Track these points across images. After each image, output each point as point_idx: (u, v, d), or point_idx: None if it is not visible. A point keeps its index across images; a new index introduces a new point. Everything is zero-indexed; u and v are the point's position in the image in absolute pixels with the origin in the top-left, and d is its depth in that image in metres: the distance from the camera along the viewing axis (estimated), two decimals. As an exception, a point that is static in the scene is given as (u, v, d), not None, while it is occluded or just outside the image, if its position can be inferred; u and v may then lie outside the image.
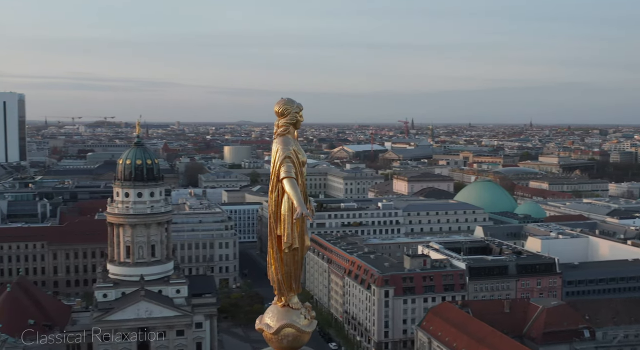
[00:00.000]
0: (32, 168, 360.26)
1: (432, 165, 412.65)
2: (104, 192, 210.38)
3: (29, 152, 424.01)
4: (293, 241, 10.46)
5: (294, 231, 10.45)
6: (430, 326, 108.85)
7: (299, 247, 10.63)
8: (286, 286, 10.93)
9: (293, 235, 10.42)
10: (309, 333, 10.85)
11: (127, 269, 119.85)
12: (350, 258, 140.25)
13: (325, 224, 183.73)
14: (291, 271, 10.86)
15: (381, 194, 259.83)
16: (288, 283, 10.92)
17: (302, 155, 10.70)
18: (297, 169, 10.53)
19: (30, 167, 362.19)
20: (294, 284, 10.98)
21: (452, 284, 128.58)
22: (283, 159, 10.43)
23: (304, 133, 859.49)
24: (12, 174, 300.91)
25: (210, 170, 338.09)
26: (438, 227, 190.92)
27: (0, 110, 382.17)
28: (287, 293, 11.00)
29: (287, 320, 10.78)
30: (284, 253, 10.72)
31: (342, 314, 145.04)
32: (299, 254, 10.78)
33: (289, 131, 10.90)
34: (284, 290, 10.97)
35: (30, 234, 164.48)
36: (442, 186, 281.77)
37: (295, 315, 10.84)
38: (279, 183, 10.60)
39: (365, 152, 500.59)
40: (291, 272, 10.87)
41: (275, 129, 11.00)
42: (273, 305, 11.32)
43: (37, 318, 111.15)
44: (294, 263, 10.82)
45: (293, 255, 10.73)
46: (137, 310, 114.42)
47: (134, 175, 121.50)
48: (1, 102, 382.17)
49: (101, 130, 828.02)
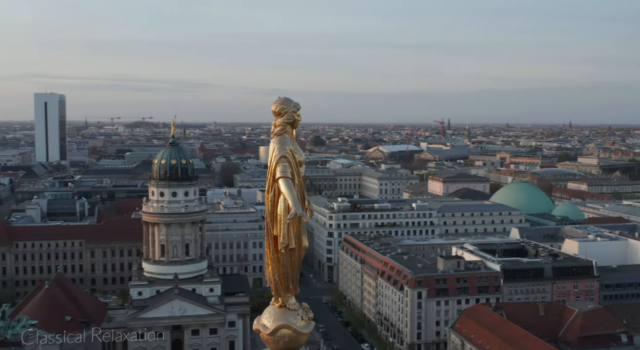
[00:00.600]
0: (72, 167, 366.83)
1: (468, 166, 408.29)
2: (140, 191, 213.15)
3: (69, 151, 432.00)
4: (289, 242, 10.37)
5: (290, 232, 10.35)
6: (463, 328, 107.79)
7: (295, 248, 10.54)
8: (283, 287, 10.85)
9: (289, 235, 10.32)
10: (306, 334, 10.74)
11: (161, 268, 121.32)
12: (383, 259, 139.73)
13: (358, 225, 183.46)
14: (288, 272, 10.77)
15: (416, 195, 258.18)
16: (285, 284, 10.83)
17: (299, 155, 10.60)
18: (294, 169, 10.45)
19: (70, 167, 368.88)
20: (291, 285, 10.89)
21: (486, 286, 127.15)
22: (279, 158, 10.37)
23: (339, 133, 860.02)
24: (52, 173, 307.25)
25: (245, 170, 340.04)
26: (473, 228, 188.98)
27: (42, 111, 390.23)
28: (284, 294, 10.91)
29: (283, 321, 10.69)
30: (281, 254, 10.62)
31: (374, 314, 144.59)
32: (296, 255, 10.69)
33: (286, 131, 10.83)
34: (280, 291, 10.90)
35: (69, 232, 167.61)
36: (478, 187, 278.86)
37: (292, 316, 10.74)
38: (275, 183, 10.50)
39: (401, 152, 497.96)
40: (288, 273, 10.78)
41: (272, 128, 10.94)
42: (270, 306, 11.26)
43: (74, 315, 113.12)
44: (291, 264, 10.73)
45: (290, 256, 10.63)
46: (171, 308, 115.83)
47: (169, 175, 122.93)
48: (42, 103, 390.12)
49: (139, 131, 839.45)
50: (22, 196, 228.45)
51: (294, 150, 10.62)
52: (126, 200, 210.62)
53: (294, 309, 10.86)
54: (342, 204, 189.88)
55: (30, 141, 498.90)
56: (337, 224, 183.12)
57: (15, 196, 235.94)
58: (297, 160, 10.60)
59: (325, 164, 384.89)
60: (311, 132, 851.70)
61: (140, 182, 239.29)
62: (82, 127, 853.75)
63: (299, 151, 10.75)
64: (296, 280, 11.02)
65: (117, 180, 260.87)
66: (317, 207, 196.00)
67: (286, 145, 10.57)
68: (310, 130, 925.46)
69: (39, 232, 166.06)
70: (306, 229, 10.76)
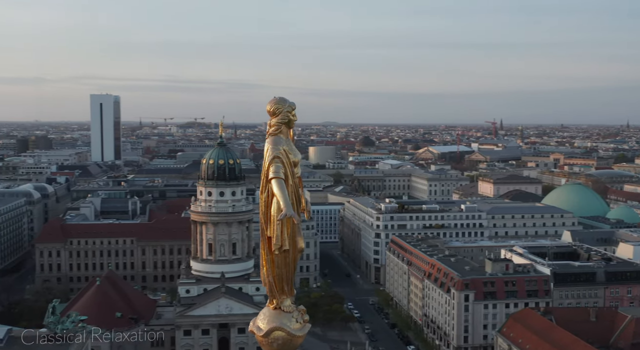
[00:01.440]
0: (126, 167, 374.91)
1: (521, 167, 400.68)
2: (190, 190, 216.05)
3: (124, 151, 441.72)
4: (283, 243, 10.23)
5: (284, 233, 10.21)
6: (511, 333, 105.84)
7: (290, 250, 10.43)
8: (278, 288, 10.75)
9: (283, 236, 10.19)
10: (300, 337, 10.59)
11: (209, 266, 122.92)
12: (430, 260, 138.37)
13: (406, 226, 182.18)
14: (283, 273, 10.63)
15: (466, 196, 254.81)
16: (280, 285, 10.72)
17: (294, 156, 10.44)
18: (288, 170, 10.31)
19: (124, 166, 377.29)
20: (286, 287, 10.76)
21: (536, 289, 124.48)
22: (272, 159, 10.24)
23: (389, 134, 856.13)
24: (107, 173, 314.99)
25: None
26: (523, 231, 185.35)
27: (97, 112, 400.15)
28: (278, 295, 10.80)
29: (277, 323, 10.57)
30: (275, 255, 10.51)
31: (421, 317, 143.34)
32: (291, 256, 10.54)
33: (280, 131, 10.66)
34: (275, 292, 10.79)
35: (121, 230, 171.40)
36: (530, 189, 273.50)
37: (287, 319, 10.62)
38: (269, 184, 10.40)
39: (451, 153, 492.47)
40: (282, 275, 10.64)
41: (267, 128, 10.83)
42: (265, 307, 11.18)
43: (124, 311, 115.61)
44: (286, 265, 10.58)
45: (284, 258, 10.49)
46: (217, 307, 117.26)
47: (217, 175, 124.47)
48: (98, 104, 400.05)
49: (192, 131, 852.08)
50: (77, 195, 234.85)
51: (288, 151, 10.45)
52: (177, 200, 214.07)
53: (289, 311, 10.73)
54: (389, 204, 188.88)
55: (86, 141, 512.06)
56: (384, 225, 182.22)
57: (71, 195, 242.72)
58: (292, 160, 10.44)
59: (375, 164, 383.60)
60: (361, 133, 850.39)
61: (191, 182, 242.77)
62: (136, 128, 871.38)
63: (294, 151, 10.59)
64: (291, 282, 10.88)
65: (168, 179, 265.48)
66: (364, 207, 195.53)
67: (280, 146, 10.42)
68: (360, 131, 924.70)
69: (92, 230, 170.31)
70: (301, 230, 10.65)
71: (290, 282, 10.84)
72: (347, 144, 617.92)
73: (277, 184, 10.11)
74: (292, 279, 10.87)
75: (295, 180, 10.46)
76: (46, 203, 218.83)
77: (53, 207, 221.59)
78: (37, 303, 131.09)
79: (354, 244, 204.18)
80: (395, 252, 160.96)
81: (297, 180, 10.53)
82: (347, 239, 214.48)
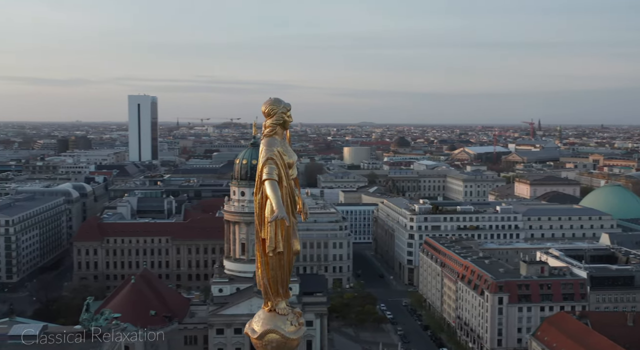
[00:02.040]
0: (163, 167, 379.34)
1: (559, 168, 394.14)
2: (225, 190, 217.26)
3: (161, 151, 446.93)
4: (277, 245, 10.18)
5: (278, 235, 10.16)
6: (545, 336, 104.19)
7: (285, 252, 10.37)
8: (272, 291, 10.68)
9: (277, 238, 10.13)
10: (295, 340, 10.51)
11: (241, 266, 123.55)
12: (464, 262, 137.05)
13: (440, 227, 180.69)
14: (277, 276, 10.56)
15: (502, 198, 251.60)
16: (275, 288, 10.66)
17: (289, 157, 10.34)
18: (282, 171, 10.23)
19: (160, 166, 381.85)
20: (281, 289, 10.68)
21: (572, 293, 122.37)
22: (265, 160, 10.18)
23: (425, 134, 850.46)
24: (144, 172, 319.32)
25: (329, 170, 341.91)
26: (560, 233, 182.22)
27: (135, 112, 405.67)
28: (273, 298, 10.74)
29: (271, 326, 10.51)
30: (270, 257, 10.47)
31: (454, 319, 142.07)
32: (285, 259, 10.49)
33: (275, 132, 10.58)
34: (270, 295, 10.73)
35: (156, 229, 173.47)
36: (568, 190, 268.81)
37: (281, 321, 10.55)
38: (263, 185, 10.34)
39: (488, 154, 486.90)
40: (277, 277, 10.58)
41: (262, 129, 10.78)
42: (261, 309, 11.14)
43: (158, 309, 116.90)
44: (280, 267, 10.51)
45: (279, 260, 10.42)
46: (250, 306, 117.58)
47: (250, 175, 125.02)
48: (136, 104, 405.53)
49: (228, 131, 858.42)
50: (114, 194, 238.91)
51: (282, 152, 10.34)
52: (211, 199, 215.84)
53: (284, 314, 10.67)
54: (423, 205, 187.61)
55: (124, 141, 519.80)
56: (417, 226, 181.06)
57: (109, 194, 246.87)
58: (287, 162, 10.32)
59: (409, 165, 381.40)
60: (396, 133, 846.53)
61: (226, 182, 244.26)
62: (173, 128, 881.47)
63: (289, 153, 10.48)
64: (286, 284, 10.80)
65: (203, 179, 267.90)
66: (397, 208, 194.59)
67: (274, 147, 10.34)
68: (395, 131, 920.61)
69: (128, 229, 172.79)
70: (297, 233, 10.60)
71: (285, 285, 10.75)
72: (382, 144, 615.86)
73: (269, 185, 10.04)
74: (287, 282, 10.80)
75: (291, 181, 10.37)
76: (84, 202, 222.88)
77: (91, 206, 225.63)
78: (74, 300, 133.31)
79: (387, 244, 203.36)
80: (428, 253, 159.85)
81: (293, 181, 10.45)
82: (380, 240, 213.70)
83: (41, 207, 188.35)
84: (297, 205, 10.61)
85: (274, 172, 10.21)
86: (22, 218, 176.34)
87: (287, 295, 10.86)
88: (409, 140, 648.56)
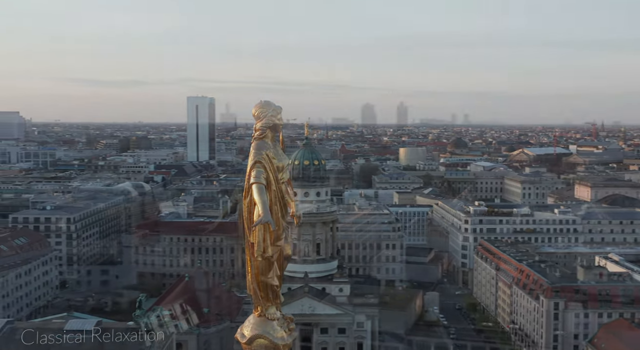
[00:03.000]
0: (220, 167, 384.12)
1: (622, 170, 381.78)
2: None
3: (218, 151, 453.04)
4: (265, 249, 10.05)
5: (267, 239, 10.01)
6: (602, 343, 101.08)
7: (275, 256, 10.23)
8: (262, 296, 10.57)
9: (265, 243, 9.98)
10: (284, 346, 10.33)
11: (292, 266, 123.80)
12: (519, 266, 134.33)
13: (495, 230, 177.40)
14: (267, 280, 10.45)
15: (561, 200, 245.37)
16: (264, 292, 10.55)
17: (279, 160, 10.19)
18: (271, 175, 10.09)
19: (217, 166, 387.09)
20: (271, 294, 10.57)
21: (632, 299, 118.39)
22: (253, 164, 10.07)
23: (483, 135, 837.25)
24: (201, 172, 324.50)
25: (384, 171, 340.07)
26: (622, 237, 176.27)
27: (193, 113, 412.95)
28: (263, 303, 10.63)
29: (259, 331, 10.36)
30: (259, 261, 10.35)
31: (509, 323, 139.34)
32: (276, 263, 10.36)
33: (265, 135, 10.47)
34: (259, 299, 10.62)
35: (211, 228, 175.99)
36: (631, 193, 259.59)
37: (270, 327, 10.40)
38: (251, 189, 10.23)
39: (547, 155, 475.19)
40: (267, 282, 10.47)
41: (253, 132, 10.68)
42: (252, 314, 11.03)
43: (210, 307, 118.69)
44: (270, 272, 10.36)
45: (268, 264, 10.32)
46: (300, 306, 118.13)
47: (302, 175, 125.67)
48: (194, 105, 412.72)
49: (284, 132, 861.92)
50: (172, 193, 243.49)
51: (272, 156, 10.22)
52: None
53: (273, 319, 10.53)
54: (478, 207, 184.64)
55: (183, 142, 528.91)
56: (472, 228, 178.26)
57: (167, 193, 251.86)
58: (276, 165, 10.19)
59: (466, 166, 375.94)
60: (453, 134, 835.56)
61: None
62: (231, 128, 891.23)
63: (279, 156, 10.34)
64: (277, 289, 10.70)
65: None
66: (452, 210, 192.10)
67: (263, 150, 10.23)
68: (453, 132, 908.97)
69: (184, 227, 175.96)
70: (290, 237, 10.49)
71: (276, 290, 10.65)
72: (439, 145, 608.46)
73: (256, 189, 9.90)
74: (278, 287, 10.69)
75: (281, 185, 10.23)
76: (143, 200, 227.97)
77: (150, 205, 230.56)
78: (129, 297, 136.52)
79: (442, 247, 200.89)
80: (483, 256, 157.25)
81: (284, 185, 10.32)
82: (434, 242, 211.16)
83: (101, 206, 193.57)
84: (289, 209, 10.50)
85: (262, 175, 10.07)
86: (83, 216, 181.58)
87: (277, 299, 10.74)
88: (466, 141, 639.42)
